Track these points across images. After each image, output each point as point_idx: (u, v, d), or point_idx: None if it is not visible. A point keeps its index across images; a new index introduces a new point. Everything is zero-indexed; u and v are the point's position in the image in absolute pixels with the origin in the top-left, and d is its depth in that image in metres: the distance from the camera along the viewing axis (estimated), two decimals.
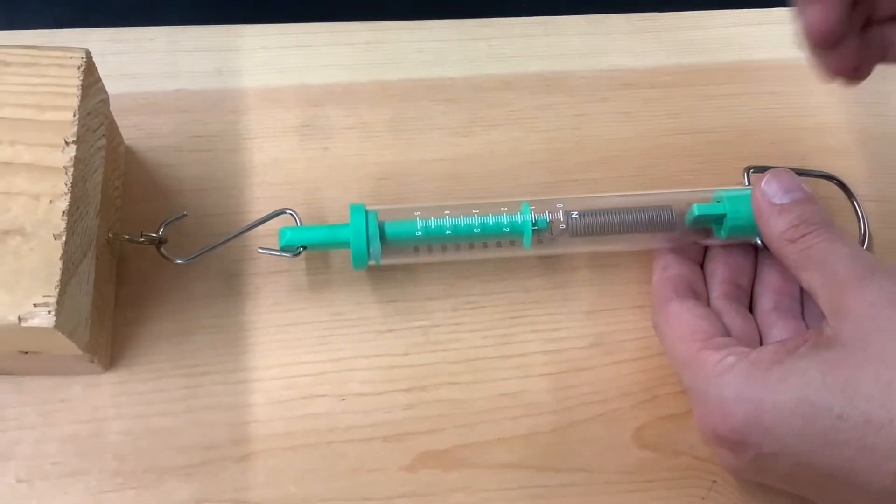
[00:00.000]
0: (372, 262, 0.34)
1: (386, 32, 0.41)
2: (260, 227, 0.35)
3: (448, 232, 0.33)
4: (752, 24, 0.43)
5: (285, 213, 0.35)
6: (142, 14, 0.41)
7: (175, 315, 0.34)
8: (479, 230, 0.33)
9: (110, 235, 0.33)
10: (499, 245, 0.34)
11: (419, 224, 0.33)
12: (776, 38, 0.43)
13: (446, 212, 0.34)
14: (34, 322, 0.26)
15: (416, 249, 0.34)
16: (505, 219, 0.34)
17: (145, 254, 0.34)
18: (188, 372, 0.34)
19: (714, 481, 0.34)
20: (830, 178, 0.38)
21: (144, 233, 0.33)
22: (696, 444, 0.34)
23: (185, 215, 0.34)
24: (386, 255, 0.34)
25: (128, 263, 0.35)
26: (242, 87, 0.38)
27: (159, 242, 0.33)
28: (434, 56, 0.40)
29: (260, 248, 0.34)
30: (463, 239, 0.34)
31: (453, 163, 0.38)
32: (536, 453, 0.34)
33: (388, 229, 0.33)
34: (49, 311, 0.26)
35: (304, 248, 0.34)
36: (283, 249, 0.34)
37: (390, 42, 0.41)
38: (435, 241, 0.34)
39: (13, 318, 0.26)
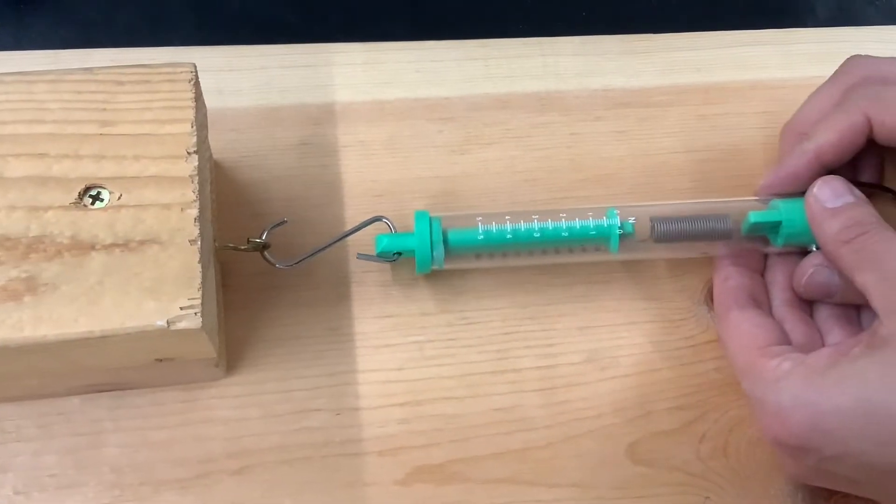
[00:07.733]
0: (435, 267, 0.35)
1: (383, 53, 0.41)
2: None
3: (508, 237, 0.34)
4: (745, 44, 0.44)
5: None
6: (146, 35, 0.41)
7: None
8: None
9: (216, 244, 0.33)
10: (572, 251, 0.35)
11: (481, 229, 0.34)
12: (768, 58, 0.43)
13: (507, 217, 0.35)
14: (182, 325, 0.27)
15: (478, 255, 0.35)
16: (591, 223, 0.35)
17: None
18: (184, 385, 0.34)
19: (707, 497, 0.34)
20: (886, 189, 0.36)
21: (250, 238, 0.34)
22: (690, 460, 0.34)
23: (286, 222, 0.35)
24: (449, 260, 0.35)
25: None
26: (242, 107, 0.39)
27: (263, 248, 0.34)
28: (431, 76, 0.41)
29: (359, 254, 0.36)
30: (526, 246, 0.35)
31: (449, 180, 0.39)
32: (530, 468, 0.34)
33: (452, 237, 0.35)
34: (196, 313, 0.27)
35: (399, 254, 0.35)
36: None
37: (388, 62, 0.41)
38: (495, 248, 0.35)
39: (162, 323, 0.27)
